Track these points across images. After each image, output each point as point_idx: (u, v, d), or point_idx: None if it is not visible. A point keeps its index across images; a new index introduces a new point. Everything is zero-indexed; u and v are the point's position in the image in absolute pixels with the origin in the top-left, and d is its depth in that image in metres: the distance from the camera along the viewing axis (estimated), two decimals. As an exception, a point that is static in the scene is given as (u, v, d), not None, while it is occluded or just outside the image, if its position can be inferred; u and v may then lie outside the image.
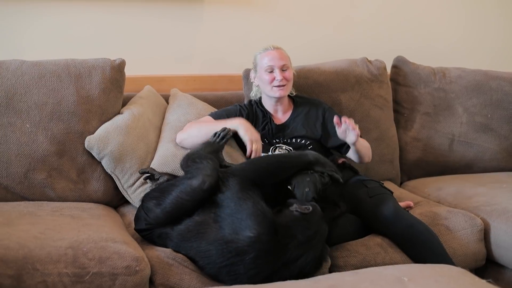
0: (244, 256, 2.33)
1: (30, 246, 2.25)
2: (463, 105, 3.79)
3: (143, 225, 2.62)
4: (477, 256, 2.94)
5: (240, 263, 2.34)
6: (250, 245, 2.34)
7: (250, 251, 2.33)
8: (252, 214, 2.40)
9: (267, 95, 3.21)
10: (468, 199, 3.24)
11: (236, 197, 2.47)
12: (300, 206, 2.52)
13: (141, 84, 3.44)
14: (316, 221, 2.51)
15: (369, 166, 3.52)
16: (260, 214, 2.40)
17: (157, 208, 2.56)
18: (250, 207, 2.42)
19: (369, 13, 4.12)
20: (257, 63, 3.21)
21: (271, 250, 2.36)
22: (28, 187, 2.95)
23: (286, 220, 2.48)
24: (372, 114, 3.58)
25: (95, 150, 2.98)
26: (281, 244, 2.39)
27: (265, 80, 3.15)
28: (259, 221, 2.38)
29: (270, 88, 3.15)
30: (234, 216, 2.43)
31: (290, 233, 2.43)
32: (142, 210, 2.65)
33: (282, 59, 3.15)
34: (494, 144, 3.80)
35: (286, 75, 3.14)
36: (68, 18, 3.52)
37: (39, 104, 2.99)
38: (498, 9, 4.41)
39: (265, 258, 2.35)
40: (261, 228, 2.37)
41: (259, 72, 3.19)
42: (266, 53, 3.17)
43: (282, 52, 3.18)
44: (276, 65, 3.13)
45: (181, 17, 3.71)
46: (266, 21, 3.89)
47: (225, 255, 2.36)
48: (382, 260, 2.70)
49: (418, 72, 3.80)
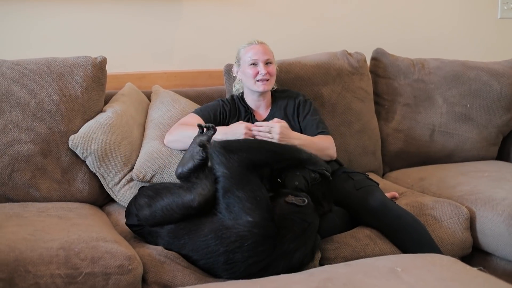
0: (243, 242, 2.33)
1: (21, 248, 2.22)
2: (442, 95, 3.82)
3: (134, 220, 2.60)
4: (464, 244, 2.97)
5: (238, 250, 2.34)
6: (250, 230, 2.34)
7: (249, 237, 2.33)
8: (253, 198, 2.39)
9: (250, 90, 3.19)
10: (452, 188, 3.27)
11: (238, 178, 2.45)
12: (296, 198, 2.52)
13: (122, 82, 3.41)
14: (311, 213, 2.52)
15: (351, 158, 3.54)
16: (261, 199, 2.40)
17: (148, 209, 2.54)
18: (250, 191, 2.41)
19: (347, 6, 4.13)
20: (240, 57, 3.19)
21: (269, 236, 2.36)
22: (12, 188, 2.91)
23: (282, 210, 2.48)
24: (354, 106, 3.59)
25: (79, 149, 2.95)
26: (279, 233, 2.39)
27: (249, 74, 3.14)
28: (259, 206, 2.38)
29: (254, 83, 3.14)
30: (233, 199, 2.42)
31: (286, 224, 2.43)
32: (133, 206, 2.62)
33: (266, 54, 3.14)
34: (474, 134, 3.84)
35: (270, 70, 3.13)
36: (47, 16, 3.48)
37: (21, 104, 2.95)
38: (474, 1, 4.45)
39: (263, 245, 2.35)
40: (261, 212, 2.37)
41: (242, 66, 3.17)
42: (250, 47, 3.16)
43: (266, 47, 3.18)
44: (260, 59, 3.12)
45: (161, 14, 3.69)
46: (245, 16, 3.88)
47: (223, 241, 2.35)
48: (371, 251, 2.72)
49: (397, 64, 3.82)
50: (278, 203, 2.52)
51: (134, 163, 3.02)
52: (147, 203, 2.56)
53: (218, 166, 2.48)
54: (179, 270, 2.43)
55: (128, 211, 2.67)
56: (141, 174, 2.95)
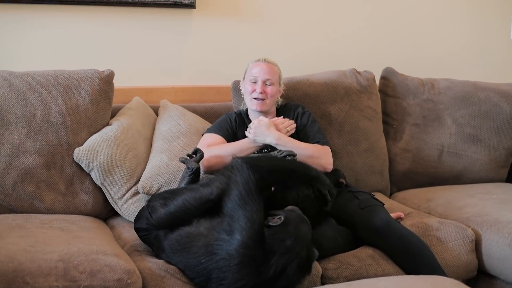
0: (230, 261, 2.30)
1: (20, 259, 2.21)
2: (452, 116, 3.80)
3: (144, 224, 2.60)
4: (468, 267, 2.94)
5: (226, 269, 2.31)
6: (237, 249, 2.30)
7: (236, 256, 2.30)
8: (249, 219, 2.36)
9: (247, 106, 3.21)
10: (459, 210, 3.24)
11: (248, 198, 2.43)
12: (272, 219, 2.45)
13: (129, 96, 3.42)
14: (294, 228, 2.43)
15: (358, 177, 3.52)
16: (254, 221, 2.36)
17: (162, 209, 2.55)
18: (250, 211, 2.38)
19: (357, 25, 4.13)
20: (246, 71, 3.21)
21: (255, 259, 2.32)
22: (16, 199, 2.92)
23: (265, 234, 2.40)
24: (362, 125, 3.57)
25: (84, 162, 2.95)
26: (266, 258, 2.34)
27: (247, 90, 3.16)
28: (252, 227, 2.34)
29: (250, 99, 3.15)
30: (230, 215, 2.40)
31: (269, 248, 2.35)
32: (146, 209, 2.63)
33: (268, 74, 3.13)
34: (483, 155, 3.81)
35: (267, 90, 3.12)
36: (56, 29, 3.50)
37: (27, 115, 2.96)
38: (486, 21, 4.44)
39: (249, 267, 2.30)
40: (251, 234, 2.33)
41: (245, 81, 3.20)
42: (256, 64, 3.17)
43: (272, 67, 3.17)
44: (261, 77, 3.12)
45: (170, 28, 3.70)
46: (255, 32, 3.89)
47: (213, 257, 2.34)
48: (374, 271, 2.69)
49: (407, 83, 3.81)
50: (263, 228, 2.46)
51: (139, 177, 3.01)
52: (162, 204, 2.57)
53: (238, 180, 2.46)
54: (178, 285, 2.42)
55: (139, 215, 2.67)
56: (146, 186, 2.94)
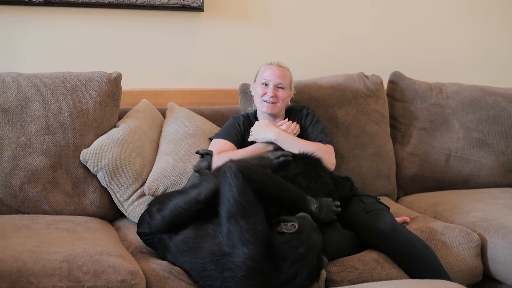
0: (237, 272, 2.29)
1: (25, 259, 2.23)
2: (459, 120, 3.79)
3: (146, 228, 2.61)
4: (474, 271, 2.93)
5: (232, 280, 2.30)
6: (244, 262, 2.29)
7: (243, 268, 2.29)
8: (254, 231, 2.34)
9: (257, 108, 3.22)
10: (465, 214, 3.23)
11: (246, 206, 2.40)
12: (285, 225, 2.45)
13: (137, 98, 3.44)
14: (306, 237, 2.42)
15: (365, 181, 3.52)
16: (260, 233, 2.34)
17: (158, 215, 2.55)
18: (253, 223, 2.35)
19: (365, 29, 4.13)
20: (257, 74, 3.22)
21: (263, 271, 2.30)
22: (23, 200, 2.94)
23: (275, 241, 2.39)
24: (369, 129, 3.57)
25: (91, 163, 2.97)
26: (275, 267, 2.33)
27: (258, 92, 3.17)
28: (258, 239, 2.32)
29: (260, 102, 3.16)
30: (235, 226, 2.36)
31: (280, 255, 2.35)
32: (147, 215, 2.63)
33: (280, 78, 3.14)
34: (491, 160, 3.80)
35: (279, 94, 3.14)
36: (64, 31, 3.52)
37: (35, 117, 2.98)
38: (495, 25, 4.43)
39: (256, 279, 2.29)
40: (258, 247, 2.31)
41: (256, 83, 3.20)
42: (268, 68, 3.18)
43: (284, 71, 3.18)
44: (272, 81, 3.13)
45: (178, 32, 3.72)
46: (263, 36, 3.90)
47: (219, 267, 2.33)
48: (378, 275, 2.69)
49: (414, 88, 3.80)
50: (272, 234, 2.44)
51: (145, 179, 3.03)
52: (157, 209, 2.57)
53: (230, 188, 2.42)
54: (182, 287, 2.42)
55: (140, 220, 2.68)
56: (152, 188, 2.96)
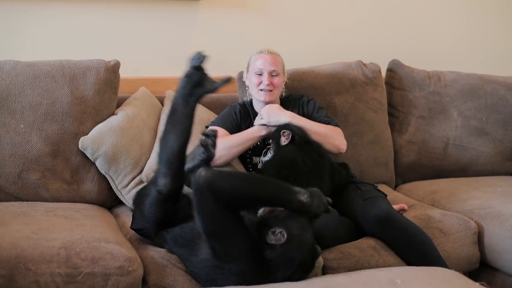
0: (233, 279, 2.25)
1: (23, 246, 2.24)
2: (458, 108, 3.79)
3: (139, 224, 2.61)
4: (470, 259, 2.94)
5: (231, 282, 2.25)
6: (237, 274, 2.25)
7: (235, 281, 2.24)
8: (236, 248, 2.25)
9: (254, 98, 3.22)
10: (463, 202, 3.24)
11: (220, 225, 2.25)
12: (274, 236, 2.27)
13: (135, 86, 3.44)
14: (298, 244, 2.28)
15: (363, 169, 3.53)
16: (245, 248, 2.25)
17: (140, 212, 2.56)
18: (232, 241, 2.25)
19: (364, 16, 4.12)
20: (250, 63, 3.23)
21: (257, 277, 2.25)
22: (21, 187, 2.95)
23: (267, 254, 2.27)
24: (367, 117, 3.58)
25: (89, 150, 2.97)
26: (269, 273, 2.26)
27: (253, 82, 3.17)
28: (245, 255, 2.25)
29: (256, 91, 3.17)
30: (218, 245, 2.26)
31: (274, 265, 2.26)
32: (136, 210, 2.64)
33: (273, 65, 3.15)
34: (489, 148, 3.81)
35: (274, 81, 3.14)
36: (62, 19, 3.52)
37: (34, 104, 2.99)
38: (494, 13, 4.42)
39: (252, 282, 2.23)
40: (248, 263, 2.25)
41: (250, 73, 3.21)
42: (260, 56, 3.18)
43: (275, 57, 3.19)
44: (266, 69, 3.13)
45: (176, 19, 3.72)
46: (261, 23, 3.89)
47: (218, 271, 2.30)
48: (375, 262, 2.69)
49: (413, 76, 3.80)
50: (262, 246, 2.29)
51: (143, 166, 3.03)
52: (138, 208, 2.61)
53: (201, 210, 2.25)
54: (180, 275, 2.43)
55: (133, 216, 2.68)
56: (150, 175, 2.95)
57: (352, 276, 2.33)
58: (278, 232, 2.26)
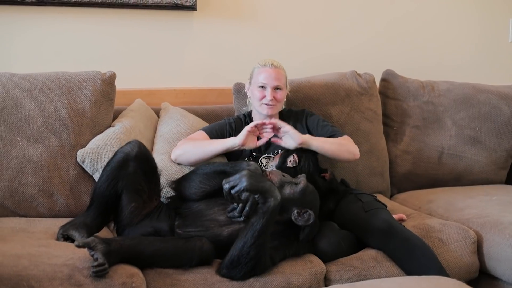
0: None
1: (25, 263, 2.21)
2: (452, 118, 3.81)
3: None
4: (470, 268, 2.94)
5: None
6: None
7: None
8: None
9: (256, 110, 3.21)
10: (460, 211, 3.25)
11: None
12: (302, 217, 2.61)
13: (131, 98, 3.42)
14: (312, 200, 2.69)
15: (359, 179, 3.53)
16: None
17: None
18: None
19: (358, 27, 4.13)
20: (252, 76, 3.21)
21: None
22: (19, 201, 2.91)
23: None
24: (362, 127, 3.58)
25: (88, 163, 2.95)
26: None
27: (256, 96, 3.15)
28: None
29: (259, 105, 3.16)
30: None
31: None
32: None
33: (277, 80, 3.13)
34: (483, 157, 3.82)
35: (277, 96, 3.14)
36: (57, 31, 3.50)
37: (30, 117, 2.96)
38: (486, 23, 4.45)
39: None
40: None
41: (252, 86, 3.19)
42: (263, 70, 3.16)
43: (279, 72, 3.17)
44: (270, 84, 3.12)
45: (171, 31, 3.71)
46: (256, 34, 3.89)
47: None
48: (377, 273, 2.69)
49: (407, 86, 3.81)
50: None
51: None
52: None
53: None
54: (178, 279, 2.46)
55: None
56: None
57: (356, 286, 2.32)
58: (305, 213, 2.61)
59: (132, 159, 2.62)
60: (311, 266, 2.63)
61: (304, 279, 2.58)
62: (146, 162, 2.67)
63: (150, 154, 2.77)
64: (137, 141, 2.68)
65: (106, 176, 2.62)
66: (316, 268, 2.63)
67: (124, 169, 2.61)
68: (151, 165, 2.72)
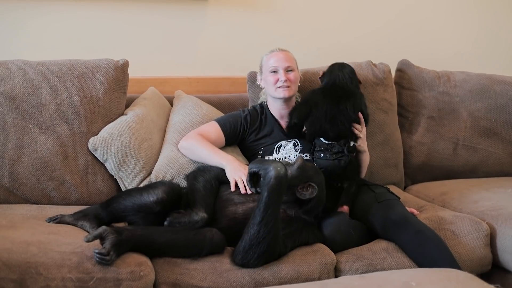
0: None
1: (34, 250, 2.22)
2: (467, 109, 3.77)
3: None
4: (483, 261, 2.91)
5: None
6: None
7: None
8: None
9: (272, 97, 3.18)
10: (473, 203, 3.21)
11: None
12: (305, 190, 2.66)
13: (144, 86, 3.42)
14: (322, 188, 2.72)
15: (373, 170, 3.49)
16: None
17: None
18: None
19: (373, 17, 4.10)
20: (262, 64, 3.20)
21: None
22: (30, 188, 2.92)
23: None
24: (377, 117, 3.55)
25: (99, 151, 2.95)
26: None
27: (270, 81, 3.13)
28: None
29: (274, 89, 3.13)
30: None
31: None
32: None
33: (287, 61, 3.13)
34: (499, 149, 3.78)
35: (290, 77, 3.12)
36: (70, 18, 3.50)
37: (42, 104, 2.97)
38: (503, 13, 4.40)
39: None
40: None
41: (264, 74, 3.17)
42: (272, 55, 3.16)
43: (288, 54, 3.17)
44: (281, 66, 3.11)
45: (185, 19, 3.70)
46: (270, 23, 3.88)
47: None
48: (388, 265, 2.67)
49: (422, 76, 3.78)
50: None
51: (153, 167, 3.01)
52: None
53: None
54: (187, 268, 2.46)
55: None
56: (159, 177, 2.95)
57: (366, 278, 2.30)
58: (308, 186, 2.66)
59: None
60: (321, 256, 2.61)
61: (314, 269, 2.57)
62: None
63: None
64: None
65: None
66: (326, 258, 2.61)
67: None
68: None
